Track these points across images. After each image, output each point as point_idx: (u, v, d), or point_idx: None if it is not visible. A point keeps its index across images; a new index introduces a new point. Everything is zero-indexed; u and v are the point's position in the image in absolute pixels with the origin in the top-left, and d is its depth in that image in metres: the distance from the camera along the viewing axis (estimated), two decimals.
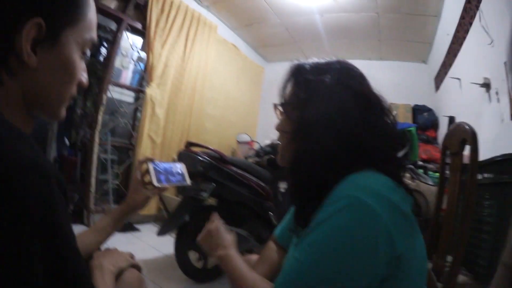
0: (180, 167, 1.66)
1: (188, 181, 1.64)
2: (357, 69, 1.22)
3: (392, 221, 0.87)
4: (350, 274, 0.87)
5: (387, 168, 1.01)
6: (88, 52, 0.89)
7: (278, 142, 1.26)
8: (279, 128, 1.26)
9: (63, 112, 0.88)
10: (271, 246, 1.57)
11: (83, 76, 0.89)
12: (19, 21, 0.70)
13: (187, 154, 3.41)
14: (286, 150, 1.20)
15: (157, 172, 1.50)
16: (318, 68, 1.17)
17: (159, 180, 1.48)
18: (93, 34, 0.88)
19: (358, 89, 1.10)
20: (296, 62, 1.26)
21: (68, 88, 0.84)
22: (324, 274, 0.87)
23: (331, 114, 1.04)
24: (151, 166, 1.48)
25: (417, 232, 0.98)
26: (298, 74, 1.20)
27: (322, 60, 1.22)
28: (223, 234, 1.41)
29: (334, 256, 0.88)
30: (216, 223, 1.45)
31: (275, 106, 1.28)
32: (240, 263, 1.27)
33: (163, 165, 1.56)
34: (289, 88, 1.23)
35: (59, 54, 0.78)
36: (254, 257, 1.61)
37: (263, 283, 1.16)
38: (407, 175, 3.47)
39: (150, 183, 1.46)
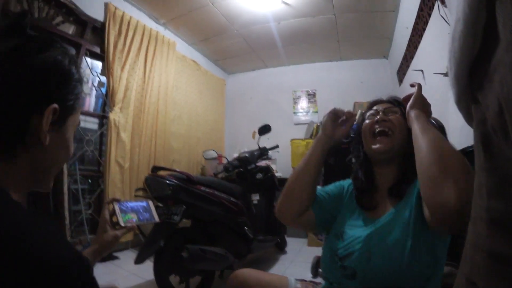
0: (147, 205, 1.69)
1: (156, 218, 1.67)
2: None
3: None
4: None
5: None
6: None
7: (385, 130, 1.57)
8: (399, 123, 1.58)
9: (52, 183, 0.98)
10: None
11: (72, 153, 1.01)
12: (39, 104, 0.81)
13: (154, 179, 3.41)
14: (400, 140, 1.55)
15: (123, 212, 1.53)
16: None
17: (126, 220, 1.51)
18: (79, 117, 1.02)
19: None
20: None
21: (64, 163, 0.95)
22: None
23: None
24: (116, 207, 1.51)
25: None
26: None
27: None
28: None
29: None
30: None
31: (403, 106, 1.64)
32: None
33: (129, 204, 1.59)
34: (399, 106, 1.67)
35: (63, 135, 0.92)
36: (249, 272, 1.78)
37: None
38: None
39: (118, 223, 1.49)
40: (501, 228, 0.64)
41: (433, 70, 3.93)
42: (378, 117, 1.60)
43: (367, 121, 1.64)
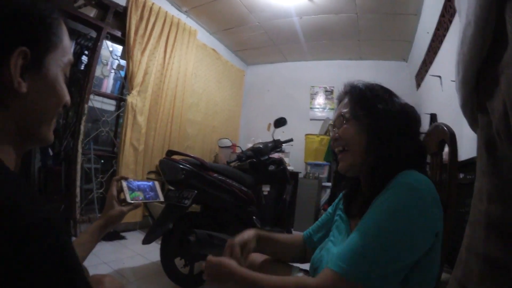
0: (153, 184, 1.77)
1: (161, 197, 1.75)
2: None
3: (433, 205, 1.15)
4: (404, 242, 1.11)
5: (423, 170, 1.35)
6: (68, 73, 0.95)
7: (340, 149, 1.47)
8: (348, 135, 1.43)
9: (51, 135, 0.93)
10: (300, 236, 1.86)
11: (67, 96, 0.94)
12: (3, 52, 0.75)
13: (168, 163, 3.46)
14: (357, 154, 1.41)
15: (130, 189, 1.60)
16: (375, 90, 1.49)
17: (133, 197, 1.58)
18: (70, 56, 0.95)
19: (411, 116, 1.43)
20: (351, 83, 1.56)
21: (56, 109, 0.90)
22: (385, 244, 1.11)
23: (399, 130, 1.35)
24: (124, 184, 1.59)
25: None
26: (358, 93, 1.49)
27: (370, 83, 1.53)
28: (225, 263, 1.41)
29: (394, 227, 1.12)
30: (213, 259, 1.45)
31: (343, 116, 1.46)
32: (261, 275, 1.34)
33: (136, 183, 1.67)
34: (350, 103, 1.47)
35: (45, 78, 0.84)
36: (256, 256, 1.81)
37: (303, 278, 1.31)
38: None
39: (124, 200, 1.56)
40: (499, 233, 0.64)
41: (451, 77, 3.84)
42: (331, 134, 1.53)
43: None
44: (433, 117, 4.83)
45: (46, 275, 0.61)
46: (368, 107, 1.40)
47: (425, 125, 5.71)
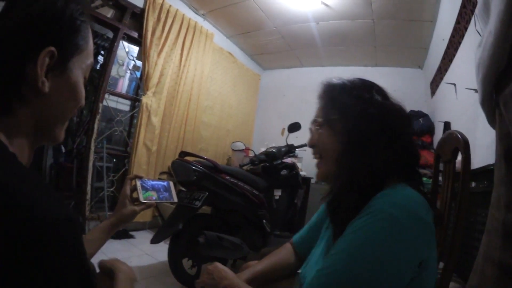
0: (167, 184, 1.74)
1: (175, 198, 1.71)
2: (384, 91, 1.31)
3: (417, 232, 0.99)
4: (376, 277, 0.96)
5: (415, 183, 1.12)
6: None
7: (317, 156, 1.34)
8: (321, 141, 1.31)
9: (63, 135, 0.94)
10: (288, 247, 1.74)
11: (84, 99, 0.95)
12: (32, 50, 0.76)
13: (181, 164, 3.46)
14: (331, 163, 1.26)
15: (144, 188, 1.58)
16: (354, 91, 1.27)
17: (146, 197, 1.55)
18: (92, 59, 0.96)
19: (395, 118, 1.20)
20: (328, 81, 1.38)
21: (73, 111, 0.92)
22: (353, 277, 0.98)
23: (377, 136, 1.15)
24: (138, 183, 1.57)
25: (435, 239, 1.07)
26: (337, 95, 1.30)
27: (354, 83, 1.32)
28: (223, 269, 1.44)
29: (365, 260, 0.98)
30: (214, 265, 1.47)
31: (316, 121, 1.35)
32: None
33: (151, 183, 1.64)
34: (325, 106, 1.33)
35: (68, 80, 0.86)
36: (253, 263, 1.70)
37: None
38: None
39: (137, 199, 1.53)
40: None
41: (466, 85, 3.80)
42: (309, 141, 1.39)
43: None
44: (447, 125, 4.80)
45: (58, 272, 0.61)
46: (342, 109, 1.24)
47: (439, 133, 5.70)
